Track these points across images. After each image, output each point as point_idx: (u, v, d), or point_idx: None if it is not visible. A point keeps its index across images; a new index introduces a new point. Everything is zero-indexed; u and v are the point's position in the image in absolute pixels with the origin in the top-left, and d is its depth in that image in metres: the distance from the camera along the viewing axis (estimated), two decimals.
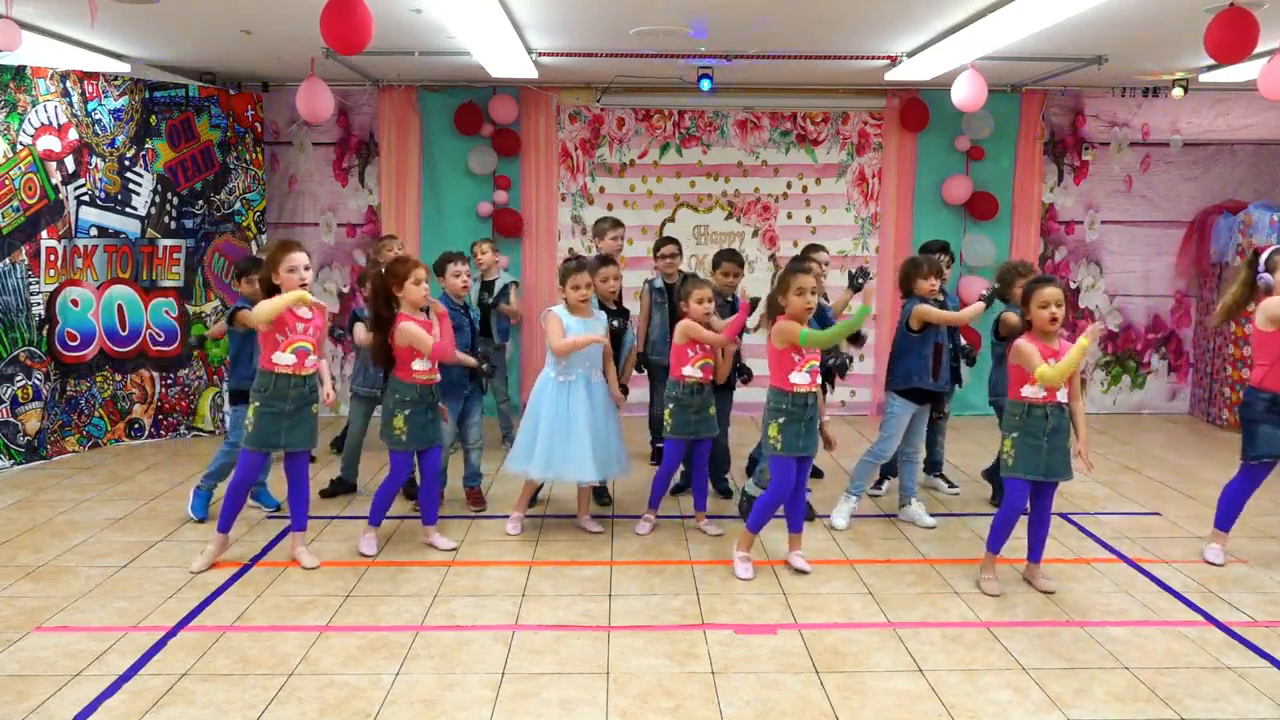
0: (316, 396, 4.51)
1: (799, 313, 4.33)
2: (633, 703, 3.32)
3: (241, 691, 3.38)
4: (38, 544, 4.89)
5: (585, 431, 4.83)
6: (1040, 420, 4.14)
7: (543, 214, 7.88)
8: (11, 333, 6.37)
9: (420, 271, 4.56)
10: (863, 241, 8.05)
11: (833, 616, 4.04)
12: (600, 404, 4.95)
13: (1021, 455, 4.18)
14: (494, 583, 4.40)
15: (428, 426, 4.69)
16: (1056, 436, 4.14)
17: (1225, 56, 4.68)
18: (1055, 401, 4.12)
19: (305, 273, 4.36)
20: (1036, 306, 4.12)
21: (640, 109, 7.87)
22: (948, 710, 3.28)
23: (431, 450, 4.78)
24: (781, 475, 4.39)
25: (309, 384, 4.45)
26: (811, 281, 4.34)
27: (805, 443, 4.38)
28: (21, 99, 6.33)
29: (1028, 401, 4.16)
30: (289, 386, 4.39)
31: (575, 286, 4.86)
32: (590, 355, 4.93)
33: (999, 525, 4.31)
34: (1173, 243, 8.18)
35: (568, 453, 4.82)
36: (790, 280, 4.35)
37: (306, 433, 4.49)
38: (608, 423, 4.97)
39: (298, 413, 4.43)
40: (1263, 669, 3.59)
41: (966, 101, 6.22)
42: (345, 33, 4.19)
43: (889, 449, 5.14)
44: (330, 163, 7.92)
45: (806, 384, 4.36)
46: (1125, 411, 8.31)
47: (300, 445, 4.49)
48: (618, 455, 5.01)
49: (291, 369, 4.38)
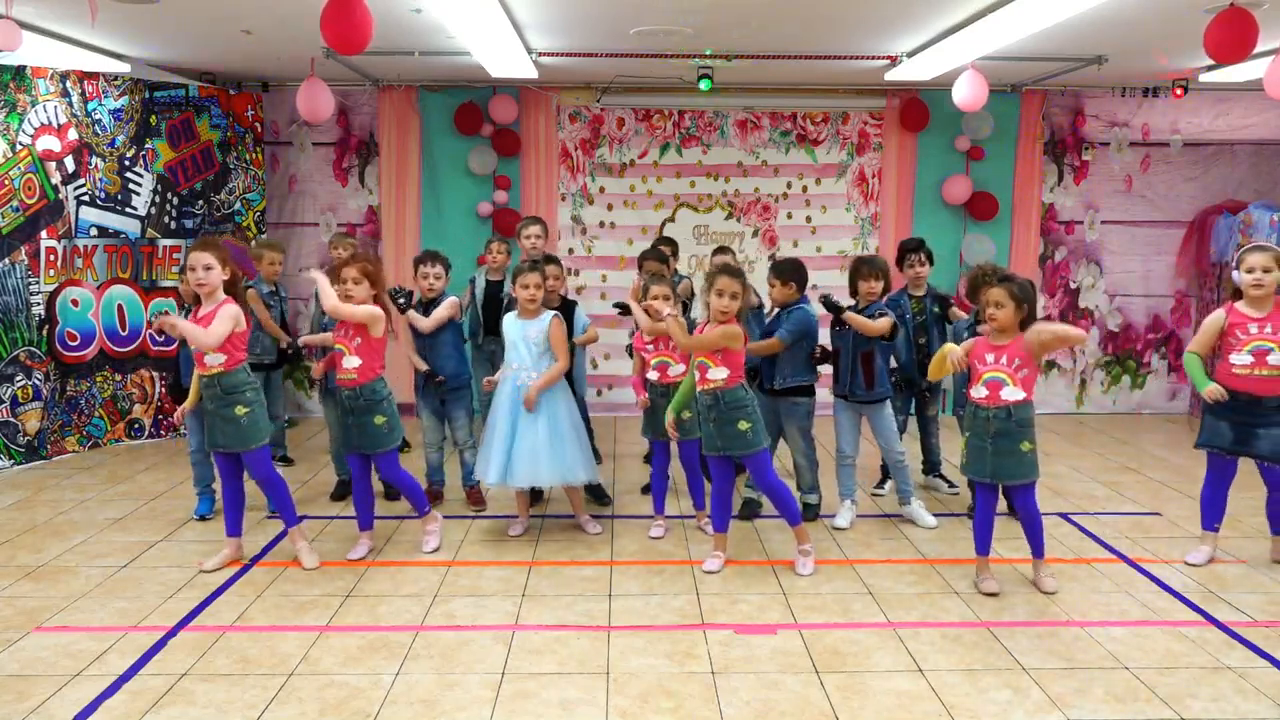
0: (238, 398, 4.37)
1: (715, 314, 4.38)
2: (633, 703, 3.32)
3: (241, 691, 3.39)
4: (38, 544, 4.89)
5: (499, 434, 4.80)
6: (984, 422, 4.17)
7: (543, 214, 7.86)
8: (11, 333, 6.37)
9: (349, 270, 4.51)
10: (862, 241, 8.05)
11: (833, 616, 4.04)
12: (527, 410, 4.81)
13: (971, 456, 4.25)
14: (494, 583, 4.40)
15: (347, 430, 4.65)
16: (1002, 440, 4.14)
17: (1225, 56, 4.68)
18: (1000, 404, 4.13)
19: (204, 273, 4.28)
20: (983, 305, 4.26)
21: (640, 109, 7.87)
22: (948, 710, 3.28)
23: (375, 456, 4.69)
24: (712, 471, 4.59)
25: (219, 384, 4.35)
26: (730, 284, 4.34)
27: (719, 443, 4.44)
28: (21, 99, 6.33)
29: (974, 402, 4.21)
30: (203, 386, 4.39)
31: (524, 286, 4.84)
32: (519, 356, 4.85)
33: (974, 527, 4.40)
34: (1173, 243, 8.18)
35: (483, 451, 4.90)
36: (714, 280, 4.41)
37: (229, 433, 4.39)
38: (532, 430, 4.79)
39: (216, 413, 4.38)
40: (1263, 669, 3.59)
41: (967, 101, 6.23)
42: (345, 33, 4.19)
43: (839, 448, 5.26)
44: (330, 163, 7.92)
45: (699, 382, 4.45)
46: (1125, 411, 8.31)
47: (225, 446, 4.42)
48: (543, 464, 4.78)
49: (201, 371, 4.39)
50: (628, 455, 6.70)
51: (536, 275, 4.86)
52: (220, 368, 4.35)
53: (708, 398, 4.42)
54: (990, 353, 4.16)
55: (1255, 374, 4.35)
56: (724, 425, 4.41)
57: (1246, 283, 4.35)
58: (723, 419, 4.40)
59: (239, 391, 4.39)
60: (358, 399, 4.58)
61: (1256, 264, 4.33)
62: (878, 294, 5.09)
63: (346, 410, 4.62)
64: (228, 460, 4.50)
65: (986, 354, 4.17)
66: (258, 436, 4.45)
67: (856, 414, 5.23)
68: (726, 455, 4.46)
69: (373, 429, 4.60)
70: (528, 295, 4.83)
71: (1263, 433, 4.41)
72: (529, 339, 4.85)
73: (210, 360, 4.34)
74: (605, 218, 7.98)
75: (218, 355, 4.34)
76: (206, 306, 4.36)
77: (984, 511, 4.33)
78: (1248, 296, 4.38)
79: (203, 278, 4.30)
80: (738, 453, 4.44)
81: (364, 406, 4.58)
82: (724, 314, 4.36)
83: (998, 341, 4.17)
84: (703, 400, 4.45)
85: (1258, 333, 4.34)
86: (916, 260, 5.63)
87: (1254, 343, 4.34)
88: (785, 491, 4.50)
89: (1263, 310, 4.36)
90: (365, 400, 4.58)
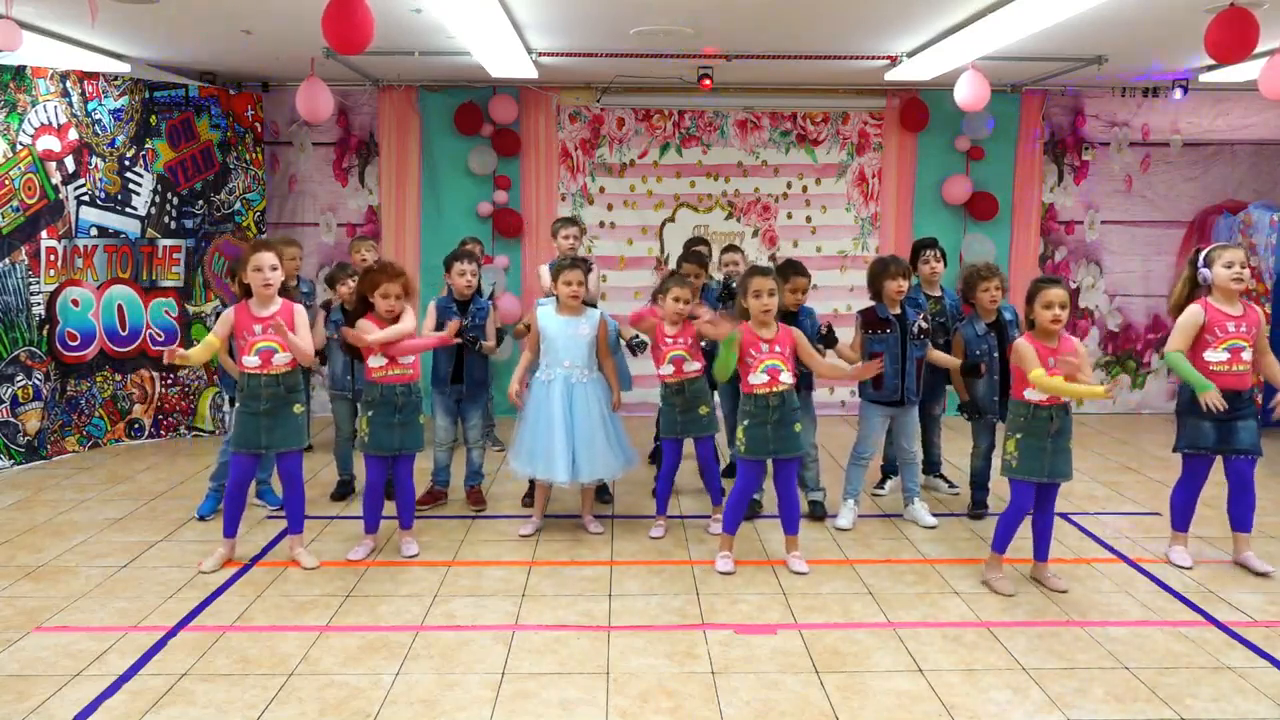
0: (297, 396, 4.45)
1: (757, 314, 4.37)
2: (633, 703, 3.32)
3: (241, 691, 3.38)
4: (38, 544, 4.89)
5: (560, 432, 4.79)
6: (1044, 422, 4.14)
7: (543, 214, 7.88)
8: (11, 333, 6.37)
9: (391, 286, 4.50)
10: (863, 241, 8.05)
11: (833, 616, 4.04)
12: (583, 405, 4.85)
13: (1025, 457, 4.18)
14: (494, 583, 4.40)
15: (390, 430, 4.60)
16: (1060, 438, 4.15)
17: (1225, 56, 4.68)
18: (1060, 403, 4.13)
19: (271, 273, 4.31)
20: (1040, 307, 4.13)
21: (640, 109, 7.87)
22: (948, 710, 3.28)
23: (397, 457, 4.68)
24: (747, 475, 4.51)
25: (284, 383, 4.39)
26: (769, 284, 4.35)
27: (773, 445, 4.41)
28: (21, 99, 6.33)
29: (1030, 404, 4.16)
30: (260, 386, 4.36)
31: (567, 282, 4.84)
32: (569, 354, 4.86)
33: (1003, 525, 4.32)
34: (1173, 243, 8.18)
35: (544, 452, 4.83)
36: (749, 283, 4.39)
37: (287, 432, 4.43)
38: (591, 425, 4.85)
39: (274, 412, 4.38)
40: (1263, 669, 3.59)
41: (969, 101, 6.22)
42: (346, 33, 4.18)
43: (862, 449, 5.21)
44: (330, 163, 7.92)
45: (764, 384, 4.36)
46: (1125, 411, 8.31)
47: (281, 445, 4.45)
48: (605, 459, 4.89)
49: (258, 369, 4.35)
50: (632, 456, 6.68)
51: (578, 271, 4.87)
52: (286, 366, 4.39)
53: (776, 399, 4.39)
54: (1051, 356, 4.10)
55: (1231, 370, 4.38)
56: (782, 427, 4.41)
57: (1227, 278, 4.37)
58: (783, 420, 4.41)
59: (299, 390, 4.47)
60: (410, 395, 4.63)
61: (1236, 259, 4.37)
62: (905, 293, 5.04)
63: (396, 409, 4.60)
64: (253, 464, 4.52)
65: (1048, 359, 4.10)
66: (307, 435, 4.56)
67: (887, 416, 5.20)
68: (779, 457, 4.45)
69: (419, 426, 4.69)
70: (570, 291, 4.83)
71: (1241, 425, 4.45)
72: (581, 336, 4.87)
73: (278, 360, 4.36)
74: (605, 218, 7.98)
75: (285, 354, 4.37)
76: (269, 308, 4.36)
77: (1020, 511, 4.27)
78: (1225, 291, 4.40)
79: (270, 278, 4.31)
80: (789, 454, 4.45)
81: (415, 403, 4.65)
82: (766, 313, 4.36)
83: (1050, 344, 4.14)
84: (767, 403, 4.38)
85: (1234, 330, 4.38)
86: (932, 257, 5.59)
87: (1231, 340, 4.38)
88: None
89: (1236, 308, 4.41)
90: (417, 396, 4.67)
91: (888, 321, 5.01)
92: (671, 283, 4.87)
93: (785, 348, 4.43)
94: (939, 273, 5.62)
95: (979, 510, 5.38)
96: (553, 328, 4.89)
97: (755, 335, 4.41)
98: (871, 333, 5.02)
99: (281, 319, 4.35)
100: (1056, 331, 4.14)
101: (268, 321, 4.35)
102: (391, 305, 4.50)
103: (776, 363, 4.38)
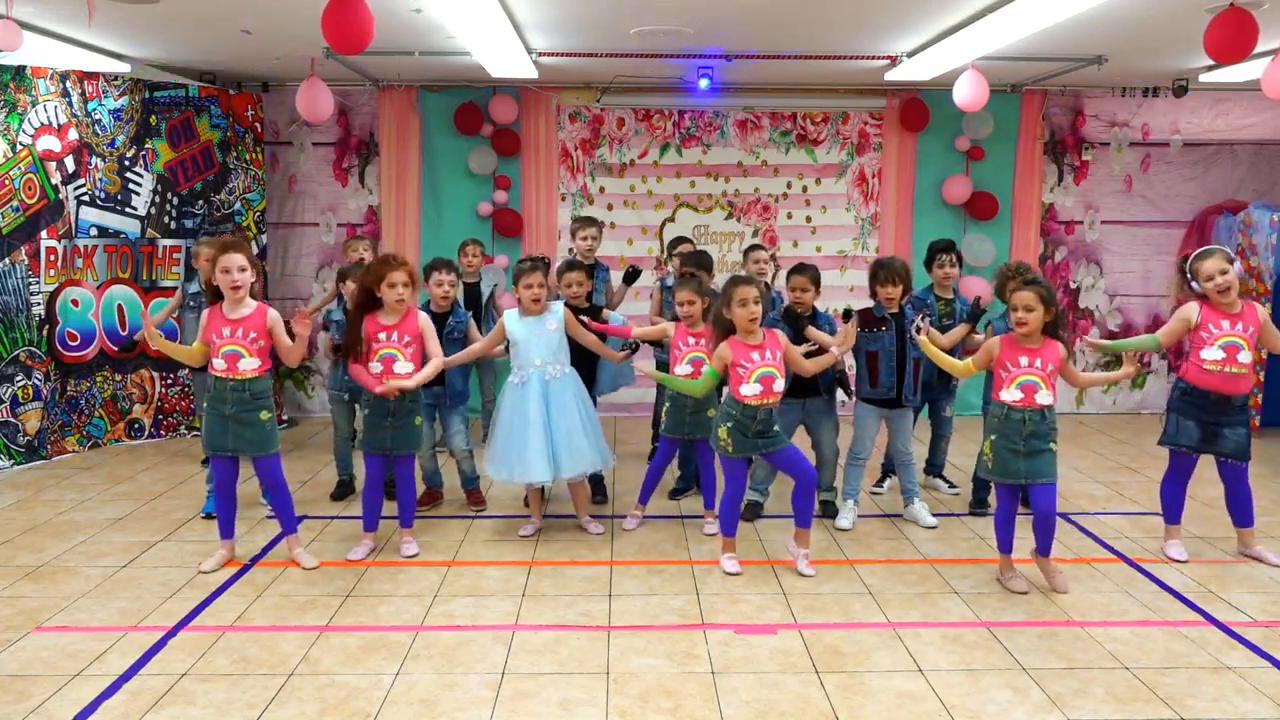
0: (264, 403, 4.38)
1: (743, 324, 4.33)
2: (633, 703, 3.32)
3: (241, 691, 3.38)
4: (38, 544, 4.89)
5: (536, 430, 4.76)
6: (1018, 424, 4.15)
7: (543, 214, 7.88)
8: (11, 333, 6.37)
9: (397, 275, 4.47)
10: (863, 241, 8.05)
11: (833, 616, 4.04)
12: (559, 400, 4.83)
13: (998, 459, 4.22)
14: (494, 583, 4.40)
15: (381, 431, 4.59)
16: (1035, 440, 4.14)
17: (1225, 56, 4.68)
18: (1035, 407, 4.13)
19: (239, 274, 4.25)
20: (1010, 309, 4.26)
21: (640, 109, 7.87)
22: (948, 710, 3.28)
23: (397, 457, 4.68)
24: (733, 475, 4.51)
25: (249, 389, 4.33)
26: (753, 291, 4.33)
27: (758, 444, 4.41)
28: (21, 99, 6.33)
29: (1005, 405, 4.18)
30: (226, 390, 4.32)
31: (528, 285, 4.82)
32: (540, 353, 4.83)
33: (996, 526, 4.39)
34: (1173, 243, 8.17)
35: (520, 454, 4.77)
36: (732, 292, 4.34)
37: (254, 438, 4.37)
38: (569, 420, 4.82)
39: (239, 418, 4.33)
40: (1263, 669, 3.59)
41: (969, 101, 6.22)
42: (346, 33, 4.18)
43: (858, 449, 5.23)
44: (330, 163, 7.92)
45: (757, 395, 4.32)
46: (1125, 411, 8.31)
47: (249, 451, 4.39)
48: (583, 451, 4.84)
49: (224, 373, 4.31)
50: (629, 455, 6.70)
51: (539, 274, 4.86)
52: (254, 372, 4.33)
53: (764, 413, 4.38)
54: (1024, 355, 4.14)
55: (1226, 370, 4.38)
56: (764, 436, 4.42)
57: (1212, 290, 4.39)
58: (765, 432, 4.41)
59: (266, 396, 4.40)
60: (403, 398, 4.59)
61: (1215, 269, 4.37)
62: (896, 299, 5.03)
63: (389, 412, 4.58)
64: (231, 464, 4.48)
65: (1020, 357, 4.13)
66: (277, 441, 4.47)
67: (881, 417, 5.21)
68: (765, 453, 4.47)
69: (413, 428, 4.67)
70: (531, 295, 4.82)
71: (1228, 432, 4.46)
72: (549, 331, 4.85)
73: (244, 365, 4.30)
74: (605, 218, 7.96)
75: (253, 360, 4.31)
76: (240, 311, 4.32)
77: (1008, 512, 4.32)
78: (1218, 302, 4.41)
79: (238, 279, 4.26)
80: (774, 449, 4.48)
81: (410, 406, 4.63)
82: (752, 321, 4.33)
83: (1029, 345, 4.16)
84: (755, 414, 4.35)
85: (1230, 329, 4.37)
86: (947, 261, 5.54)
87: (1226, 338, 4.37)
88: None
89: (1234, 306, 4.41)
90: (413, 399, 4.64)
91: (884, 320, 5.02)
92: (680, 285, 4.89)
93: (775, 352, 4.39)
94: (953, 277, 5.58)
95: (979, 510, 5.39)
96: (520, 331, 4.86)
97: (744, 345, 4.35)
98: (866, 331, 5.04)
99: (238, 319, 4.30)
100: (1027, 334, 4.16)
101: (236, 324, 4.30)
102: (400, 294, 4.48)
103: (770, 370, 4.33)
